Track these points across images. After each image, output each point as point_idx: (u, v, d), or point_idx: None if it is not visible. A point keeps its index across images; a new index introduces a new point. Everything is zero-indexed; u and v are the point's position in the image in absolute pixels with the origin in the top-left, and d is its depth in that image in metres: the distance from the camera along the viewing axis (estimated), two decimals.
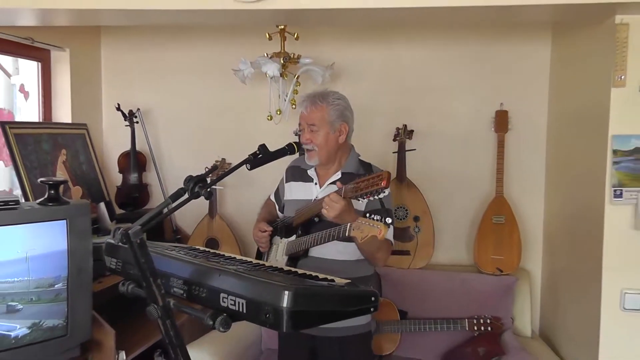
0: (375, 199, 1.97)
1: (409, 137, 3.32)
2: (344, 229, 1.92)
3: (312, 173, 2.31)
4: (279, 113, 3.10)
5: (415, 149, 3.32)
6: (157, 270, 1.36)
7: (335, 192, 1.99)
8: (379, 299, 2.19)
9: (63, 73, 3.39)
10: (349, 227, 1.88)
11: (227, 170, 1.84)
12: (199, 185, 1.51)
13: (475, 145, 3.41)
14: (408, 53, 3.45)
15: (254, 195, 3.57)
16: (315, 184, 2.28)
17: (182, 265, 1.49)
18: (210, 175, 1.60)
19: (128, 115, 3.52)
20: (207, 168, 3.41)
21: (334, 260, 2.18)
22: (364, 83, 3.42)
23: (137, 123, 3.56)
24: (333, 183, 2.17)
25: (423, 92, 3.43)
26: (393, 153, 3.32)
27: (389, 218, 1.82)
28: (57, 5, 2.32)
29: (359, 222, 1.84)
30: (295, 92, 3.09)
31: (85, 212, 2.23)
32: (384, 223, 1.78)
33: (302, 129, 2.24)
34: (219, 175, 1.94)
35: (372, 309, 1.43)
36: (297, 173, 2.37)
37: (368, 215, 1.84)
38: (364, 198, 1.90)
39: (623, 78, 2.37)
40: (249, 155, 1.94)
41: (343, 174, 2.21)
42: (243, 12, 2.30)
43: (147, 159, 3.65)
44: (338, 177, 2.21)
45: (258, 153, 1.96)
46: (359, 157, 2.32)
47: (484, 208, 3.30)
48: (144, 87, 3.68)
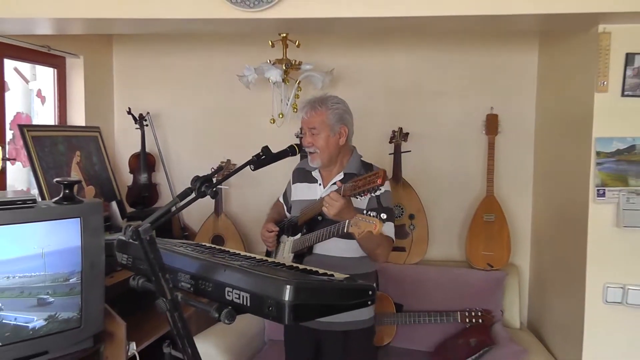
0: (373, 197, 1.96)
1: (404, 139, 3.32)
2: (343, 226, 1.91)
3: (316, 174, 2.30)
4: (281, 116, 3.10)
5: (410, 151, 3.32)
6: (165, 266, 1.36)
7: (335, 190, 1.98)
8: (376, 293, 2.20)
9: (77, 79, 3.39)
10: (347, 223, 1.87)
11: (232, 171, 1.85)
12: (205, 185, 1.52)
13: (467, 147, 3.40)
14: (403, 59, 3.45)
15: (258, 195, 3.59)
16: (319, 185, 2.27)
17: (189, 261, 1.49)
18: (216, 176, 1.60)
19: (138, 119, 3.53)
20: (212, 168, 3.41)
21: (338, 257, 2.17)
22: (362, 88, 3.42)
23: (146, 126, 3.56)
24: (335, 184, 2.16)
25: (417, 96, 3.43)
26: (389, 154, 3.32)
27: (384, 214, 1.82)
28: (72, 15, 2.32)
29: (356, 218, 1.83)
30: (297, 96, 3.09)
31: (98, 210, 2.24)
32: (379, 219, 1.78)
33: (303, 133, 2.23)
34: (224, 176, 1.94)
35: (369, 302, 1.42)
36: (302, 175, 2.36)
37: (365, 212, 1.83)
38: (362, 195, 1.88)
39: (605, 84, 2.37)
40: (253, 157, 1.93)
41: (345, 175, 2.20)
42: (247, 21, 2.30)
43: (156, 160, 3.65)
44: (340, 177, 2.19)
45: (261, 154, 1.96)
46: (361, 158, 2.30)
47: (475, 207, 3.30)
48: (154, 91, 3.68)
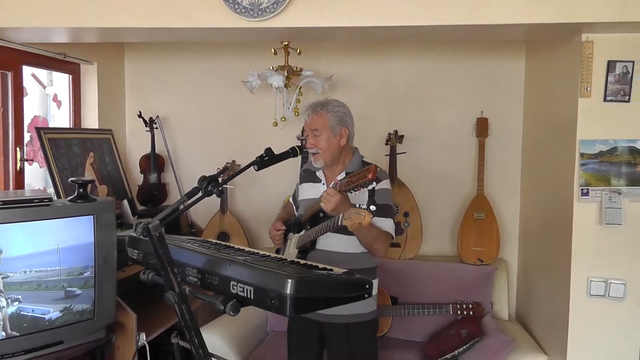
0: (367, 192, 1.96)
1: (400, 141, 3.32)
2: (337, 219, 1.90)
3: (320, 174, 2.29)
4: (284, 120, 3.10)
5: (405, 152, 3.32)
6: (174, 261, 1.36)
7: (332, 186, 1.98)
8: (376, 287, 2.20)
9: (91, 84, 3.39)
10: (341, 217, 1.86)
11: (236, 171, 1.84)
12: (212, 184, 1.52)
13: (459, 149, 3.40)
14: (398, 66, 3.44)
15: (261, 193, 3.59)
16: (323, 184, 2.26)
17: (196, 256, 1.49)
18: (222, 175, 1.59)
19: (148, 122, 3.53)
20: (218, 169, 3.41)
21: (340, 253, 2.15)
22: (359, 93, 3.41)
23: (156, 129, 3.56)
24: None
25: (412, 101, 3.43)
26: (385, 156, 3.32)
27: (373, 206, 1.82)
28: (86, 25, 2.33)
29: (349, 212, 1.82)
30: (298, 101, 3.09)
31: (110, 208, 2.24)
32: (368, 210, 1.77)
33: (306, 135, 2.23)
34: (230, 175, 1.93)
35: (366, 295, 1.41)
36: (308, 175, 2.35)
37: (358, 206, 1.83)
38: (356, 190, 1.87)
39: (589, 89, 2.38)
40: (256, 158, 1.93)
41: (347, 174, 2.17)
42: (252, 30, 2.30)
43: (165, 161, 3.65)
44: (342, 177, 2.17)
45: (264, 155, 1.95)
46: (363, 158, 2.27)
47: (466, 205, 3.30)
48: (163, 96, 3.68)
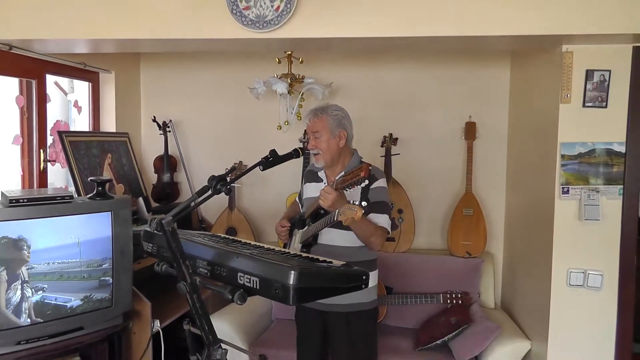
0: (360, 189, 1.97)
1: (394, 143, 3.33)
2: (333, 215, 1.91)
3: (321, 174, 2.29)
4: (287, 124, 3.11)
5: (399, 154, 3.33)
6: (185, 253, 1.36)
7: (329, 184, 2.00)
8: (374, 279, 2.20)
9: (109, 91, 3.40)
10: (337, 212, 1.87)
11: (243, 171, 1.85)
12: (220, 183, 1.52)
13: (449, 151, 3.40)
14: (393, 74, 3.44)
15: (266, 192, 3.60)
16: (324, 184, 2.25)
17: (206, 250, 1.49)
18: (230, 175, 1.60)
19: (162, 126, 3.53)
20: (227, 169, 3.40)
21: (340, 247, 2.15)
22: (357, 98, 3.41)
23: (169, 132, 3.57)
24: None
25: (405, 106, 3.43)
26: (381, 157, 3.32)
27: (364, 202, 1.83)
28: (105, 36, 2.33)
29: (343, 207, 1.84)
30: (300, 106, 3.10)
31: (127, 205, 2.25)
32: (360, 206, 1.79)
33: (308, 138, 2.24)
34: (237, 175, 1.95)
35: (363, 286, 1.42)
36: (311, 175, 2.35)
37: (353, 202, 1.84)
38: (351, 187, 1.89)
39: (569, 96, 2.38)
40: (262, 159, 1.93)
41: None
42: (257, 40, 2.30)
43: (177, 162, 3.66)
44: (340, 176, 2.16)
45: (269, 156, 1.96)
46: (362, 159, 2.27)
47: (456, 202, 3.31)
48: (176, 102, 3.68)
